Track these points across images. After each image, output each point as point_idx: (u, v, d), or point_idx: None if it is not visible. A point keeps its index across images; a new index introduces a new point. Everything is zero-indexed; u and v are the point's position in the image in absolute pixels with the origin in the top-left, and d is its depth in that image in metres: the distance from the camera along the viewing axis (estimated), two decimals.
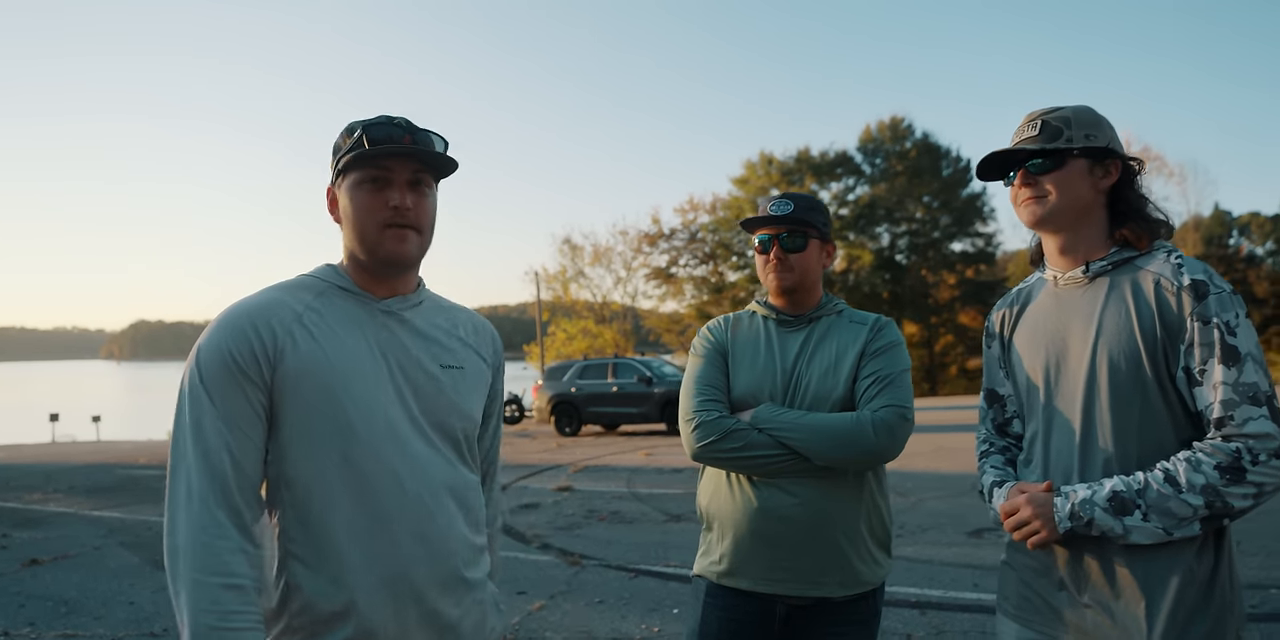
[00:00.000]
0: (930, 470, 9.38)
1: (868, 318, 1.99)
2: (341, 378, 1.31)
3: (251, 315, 1.31)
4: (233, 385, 1.27)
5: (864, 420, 1.80)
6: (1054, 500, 1.48)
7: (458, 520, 1.40)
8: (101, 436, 24.12)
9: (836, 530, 1.83)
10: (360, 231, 1.37)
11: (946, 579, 4.89)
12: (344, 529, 1.29)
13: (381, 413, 1.33)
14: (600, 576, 5.25)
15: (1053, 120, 1.55)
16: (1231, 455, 1.36)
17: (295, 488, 1.30)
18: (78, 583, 5.47)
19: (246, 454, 1.27)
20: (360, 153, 1.33)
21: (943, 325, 41.79)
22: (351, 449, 1.30)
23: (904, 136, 40.86)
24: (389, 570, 1.30)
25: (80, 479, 11.42)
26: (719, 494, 1.93)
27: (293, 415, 1.30)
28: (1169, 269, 1.47)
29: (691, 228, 38.10)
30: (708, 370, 1.96)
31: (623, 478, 9.91)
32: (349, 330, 1.36)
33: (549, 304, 36.31)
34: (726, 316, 2.07)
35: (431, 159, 1.36)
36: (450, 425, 1.42)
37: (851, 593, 1.84)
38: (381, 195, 1.35)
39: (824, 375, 1.89)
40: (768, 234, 1.95)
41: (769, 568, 1.84)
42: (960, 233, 41.24)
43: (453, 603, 1.37)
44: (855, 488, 1.86)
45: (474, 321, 1.56)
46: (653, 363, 17.03)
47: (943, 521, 6.61)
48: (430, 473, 1.36)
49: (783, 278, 1.93)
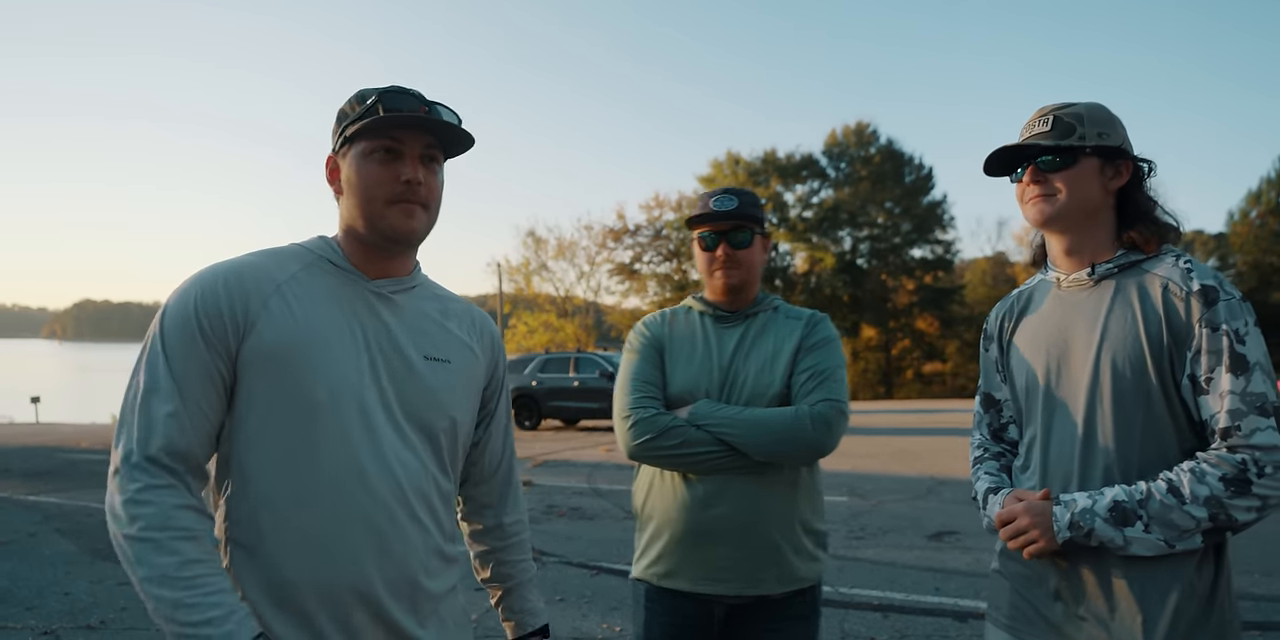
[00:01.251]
0: (889, 473, 9.44)
1: (803, 313, 1.97)
2: (313, 356, 1.21)
3: (228, 277, 1.22)
4: (193, 349, 1.17)
5: (802, 414, 1.77)
6: (1053, 509, 1.44)
7: (424, 525, 1.28)
8: (41, 418, 23.30)
9: (773, 526, 1.81)
10: (365, 204, 1.27)
11: (908, 582, 4.90)
12: (294, 521, 1.18)
13: (354, 398, 1.23)
14: (561, 573, 5.17)
15: (1065, 116, 1.51)
16: (1237, 467, 1.33)
17: (247, 469, 1.19)
18: (9, 571, 5.23)
19: (196, 424, 1.16)
20: (375, 120, 1.23)
21: (900, 330, 42.48)
22: (316, 433, 1.19)
23: (869, 142, 41.46)
24: (337, 570, 1.19)
25: (16, 462, 11.00)
26: (654, 493, 1.90)
27: (255, 391, 1.19)
28: (1178, 273, 1.43)
29: (656, 225, 38.16)
30: (643, 367, 1.91)
31: (583, 473, 9.83)
32: (330, 307, 1.26)
33: (511, 296, 36.07)
34: (662, 312, 2.03)
35: (448, 133, 1.28)
36: (428, 421, 1.30)
37: (789, 589, 1.83)
38: (392, 168, 1.26)
39: (761, 371, 1.86)
40: (712, 231, 1.91)
41: (708, 568, 1.81)
42: (920, 239, 42.00)
43: (409, 612, 1.26)
44: (790, 484, 1.84)
45: (470, 314, 1.45)
46: (615, 358, 16.96)
47: (903, 524, 6.65)
48: (399, 469, 1.25)
49: (730, 275, 1.90)
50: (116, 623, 4.21)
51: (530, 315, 35.16)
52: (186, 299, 1.20)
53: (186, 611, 1.07)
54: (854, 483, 8.73)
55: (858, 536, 6.14)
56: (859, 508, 7.33)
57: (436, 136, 1.29)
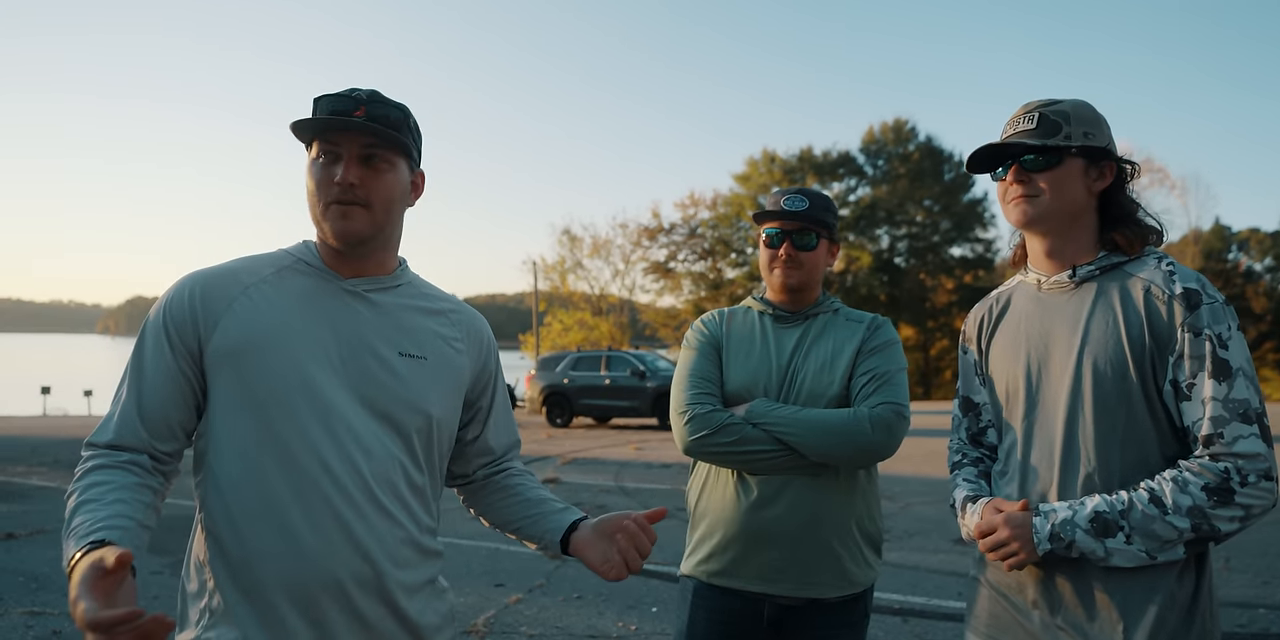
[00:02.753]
0: (919, 475, 9.34)
1: (864, 316, 1.95)
2: (272, 351, 1.25)
3: (195, 284, 1.30)
4: (161, 352, 1.27)
5: (861, 416, 1.76)
6: (1033, 520, 1.41)
7: (392, 515, 1.28)
8: (93, 411, 24.04)
9: (829, 530, 1.79)
10: (312, 208, 1.31)
11: (931, 586, 4.85)
12: (259, 513, 1.22)
13: (319, 394, 1.25)
14: (580, 571, 5.20)
15: (1051, 114, 1.47)
16: (1220, 475, 1.30)
17: (214, 462, 1.25)
18: (52, 559, 5.40)
19: (152, 419, 1.25)
20: (295, 124, 1.27)
21: (939, 330, 41.77)
22: (277, 425, 1.23)
23: (907, 139, 40.80)
24: (303, 562, 1.21)
25: (66, 453, 11.34)
26: (710, 491, 1.89)
27: (220, 388, 1.26)
28: (1160, 276, 1.40)
29: (691, 223, 38.06)
30: (701, 363, 1.91)
31: (611, 472, 9.87)
32: (298, 305, 1.30)
33: (546, 294, 36.26)
34: (721, 311, 2.02)
35: (376, 133, 1.26)
36: (398, 417, 1.31)
37: (843, 594, 1.81)
38: (330, 170, 1.28)
39: (820, 372, 1.85)
40: (779, 229, 1.91)
41: (761, 567, 1.80)
42: (960, 238, 41.25)
43: (378, 603, 1.27)
44: (848, 487, 1.83)
45: (459, 312, 1.46)
46: (646, 356, 16.97)
47: (929, 527, 6.57)
48: (362, 459, 1.26)
49: (789, 275, 1.89)
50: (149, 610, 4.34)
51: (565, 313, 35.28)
52: (161, 306, 1.30)
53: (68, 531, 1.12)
54: (883, 485, 8.54)
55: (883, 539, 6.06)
56: (886, 510, 7.21)
57: (374, 135, 1.27)
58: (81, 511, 1.13)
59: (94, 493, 1.16)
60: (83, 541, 1.08)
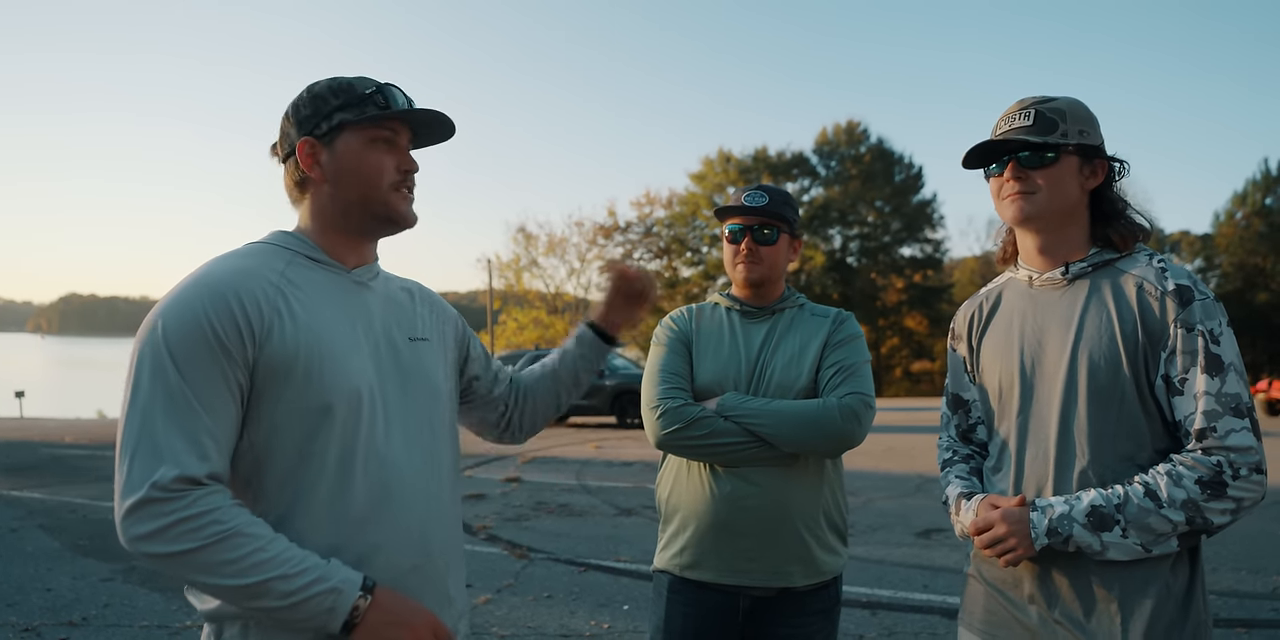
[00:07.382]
0: (879, 470, 9.48)
1: (829, 311, 2.00)
2: (334, 354, 1.21)
3: (234, 285, 1.16)
4: (209, 360, 1.11)
5: (830, 406, 1.80)
6: (1030, 515, 1.43)
7: (455, 501, 1.40)
8: (25, 413, 23.09)
9: (798, 519, 1.82)
10: (370, 190, 1.28)
11: (896, 579, 4.92)
12: (363, 519, 1.21)
13: (377, 391, 1.25)
14: (549, 570, 5.16)
15: (1047, 111, 1.48)
16: (1213, 469, 1.33)
17: (296, 474, 1.17)
18: None
19: (221, 439, 1.12)
20: (389, 113, 1.28)
21: (890, 328, 42.57)
22: (354, 431, 1.20)
23: (859, 141, 41.47)
24: (414, 554, 1.27)
25: None
26: (680, 484, 1.91)
27: (281, 398, 1.16)
28: (1152, 272, 1.43)
29: (647, 222, 38.13)
30: (671, 359, 1.93)
31: (572, 470, 9.82)
32: (329, 305, 1.26)
33: (501, 292, 35.97)
34: (689, 307, 2.06)
35: (444, 131, 1.37)
36: (428, 402, 1.35)
37: (813, 582, 1.85)
38: (393, 156, 1.31)
39: (788, 365, 1.88)
40: (740, 224, 1.95)
41: (734, 559, 1.82)
42: (910, 238, 42.09)
43: (454, 585, 1.36)
44: (816, 477, 1.86)
45: (423, 291, 1.50)
46: None
47: (892, 521, 6.67)
48: (433, 452, 1.33)
49: (751, 270, 1.93)
50: (98, 619, 4.18)
51: (520, 312, 35.07)
52: (195, 307, 1.13)
53: (285, 582, 1.08)
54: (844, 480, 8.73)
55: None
56: (848, 504, 7.35)
57: (416, 132, 1.35)
58: (279, 542, 1.11)
59: (266, 530, 1.12)
60: (351, 576, 1.14)
